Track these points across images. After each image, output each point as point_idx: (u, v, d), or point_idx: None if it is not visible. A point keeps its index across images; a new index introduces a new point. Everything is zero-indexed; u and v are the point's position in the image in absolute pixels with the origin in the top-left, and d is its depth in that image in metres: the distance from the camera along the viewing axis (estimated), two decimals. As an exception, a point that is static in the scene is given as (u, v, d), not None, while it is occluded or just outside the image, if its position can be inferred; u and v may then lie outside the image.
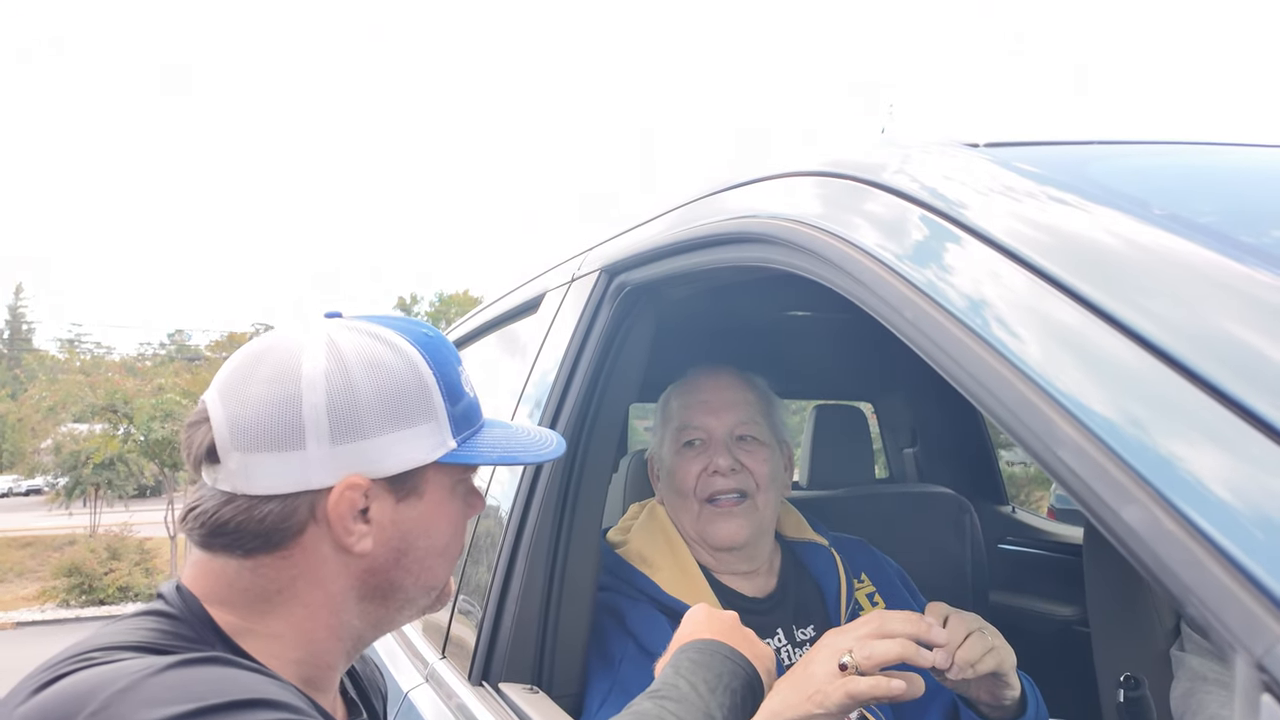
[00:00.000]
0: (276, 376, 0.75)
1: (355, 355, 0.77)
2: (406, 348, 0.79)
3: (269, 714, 0.63)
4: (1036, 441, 0.52)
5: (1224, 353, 0.47)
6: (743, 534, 1.38)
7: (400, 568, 0.80)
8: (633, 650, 1.29)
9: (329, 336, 0.78)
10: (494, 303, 2.09)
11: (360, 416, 0.75)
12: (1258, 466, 0.42)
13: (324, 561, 0.77)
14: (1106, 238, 0.59)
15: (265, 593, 0.76)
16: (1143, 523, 0.44)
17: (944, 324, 0.63)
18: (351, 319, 0.83)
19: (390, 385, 0.77)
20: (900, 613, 1.01)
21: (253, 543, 0.75)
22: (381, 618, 0.83)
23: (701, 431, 1.42)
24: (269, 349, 0.78)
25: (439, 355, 0.82)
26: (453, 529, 0.84)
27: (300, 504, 0.75)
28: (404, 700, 1.45)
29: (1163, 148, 0.90)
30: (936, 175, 0.75)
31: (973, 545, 2.24)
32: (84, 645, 0.70)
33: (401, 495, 0.79)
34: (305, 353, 0.76)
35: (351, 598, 0.79)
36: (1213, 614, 0.40)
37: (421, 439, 0.78)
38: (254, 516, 0.74)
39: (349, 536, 0.76)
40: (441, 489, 0.82)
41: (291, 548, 0.76)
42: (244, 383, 0.76)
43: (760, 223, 0.95)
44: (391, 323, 0.83)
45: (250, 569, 0.76)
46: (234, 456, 0.74)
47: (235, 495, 0.75)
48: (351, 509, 0.76)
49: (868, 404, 2.88)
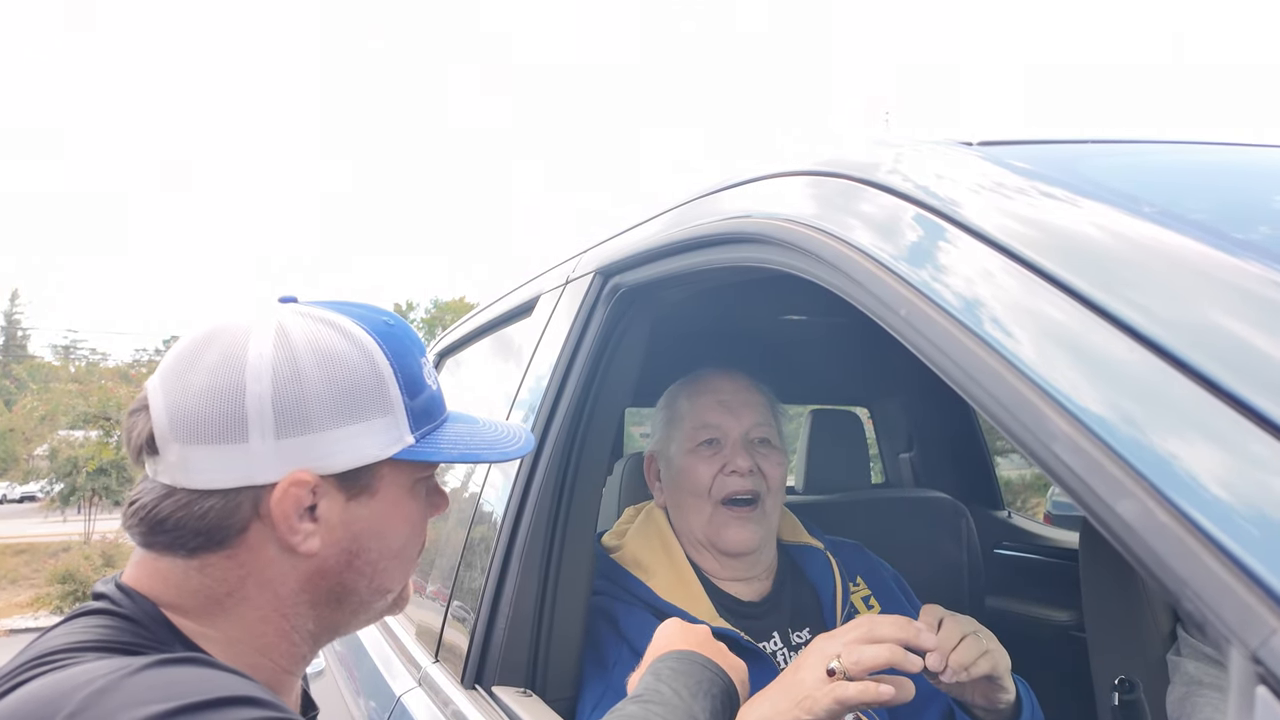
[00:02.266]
0: (220, 364, 0.71)
1: (305, 343, 0.73)
2: (362, 336, 0.75)
3: (253, 712, 0.61)
4: (1031, 437, 0.52)
5: (1218, 346, 0.47)
6: (755, 539, 1.38)
7: (352, 570, 0.76)
8: (627, 655, 1.28)
9: (279, 323, 0.74)
10: (489, 305, 2.08)
11: (308, 409, 0.71)
12: (1253, 459, 0.42)
13: (271, 562, 0.73)
14: (1099, 233, 0.58)
15: (214, 595, 0.73)
16: (1137, 517, 0.44)
17: (938, 321, 0.62)
18: (306, 304, 0.79)
19: (342, 376, 0.73)
20: (889, 617, 1.00)
21: (194, 540, 0.71)
22: (337, 622, 0.79)
23: (718, 431, 1.41)
24: (216, 335, 0.74)
25: (398, 345, 0.77)
26: (410, 530, 0.80)
27: (243, 500, 0.71)
28: (396, 704, 1.44)
29: (1155, 146, 0.90)
30: (930, 173, 0.75)
31: (969, 550, 2.24)
32: (38, 650, 0.67)
33: (353, 493, 0.75)
34: (252, 339, 0.72)
35: (303, 600, 0.75)
36: (1208, 607, 0.39)
37: (375, 434, 0.74)
38: (194, 512, 0.71)
39: (294, 535, 0.72)
40: (398, 487, 0.78)
41: (236, 546, 0.72)
42: (186, 370, 0.72)
43: (755, 222, 0.95)
44: (349, 309, 0.79)
45: (197, 569, 0.72)
46: (173, 448, 0.70)
47: (175, 489, 0.71)
48: (297, 506, 0.72)
49: (864, 409, 2.88)
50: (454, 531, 1.57)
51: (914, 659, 0.96)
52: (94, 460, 19.50)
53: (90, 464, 19.65)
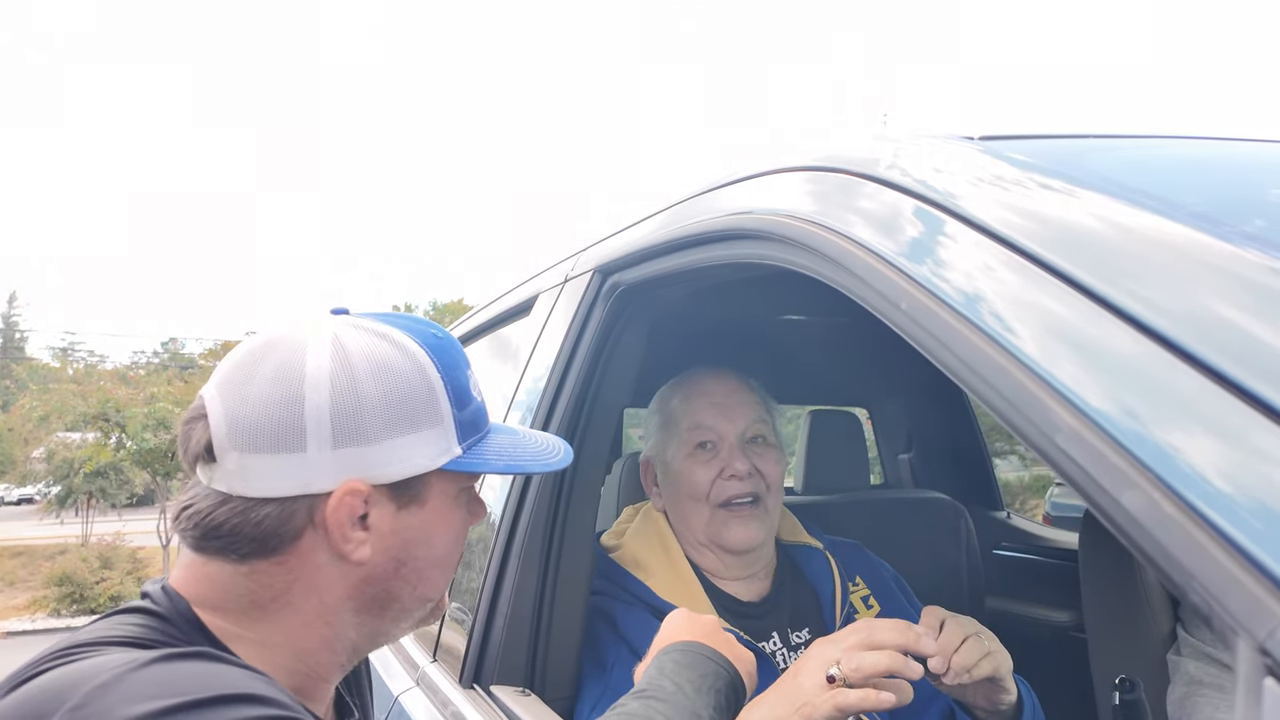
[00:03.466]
0: (279, 375, 0.72)
1: (361, 356, 0.74)
2: (414, 349, 0.77)
3: (254, 710, 0.61)
4: (1034, 430, 0.52)
5: (1221, 337, 0.47)
6: (758, 537, 1.37)
7: (398, 577, 0.78)
8: (625, 655, 1.28)
9: (335, 335, 0.75)
10: (489, 305, 2.08)
11: (364, 420, 0.72)
12: (1258, 450, 0.42)
13: (320, 569, 0.74)
14: (1101, 225, 0.58)
15: (259, 599, 0.74)
16: (1142, 508, 0.43)
17: (940, 314, 0.62)
18: (358, 317, 0.80)
19: (396, 388, 0.74)
20: (889, 621, 0.99)
21: (248, 546, 0.72)
22: (377, 630, 0.80)
23: (713, 433, 1.41)
24: (273, 346, 0.75)
25: (447, 358, 0.79)
26: (453, 538, 0.82)
27: (298, 508, 0.72)
28: (394, 704, 1.43)
29: (1158, 141, 0.90)
30: (930, 167, 0.75)
31: (968, 550, 2.23)
32: (66, 641, 0.68)
33: (403, 503, 0.76)
34: (309, 351, 0.73)
35: (348, 608, 0.77)
36: (1215, 599, 0.39)
37: (426, 445, 0.75)
38: (250, 519, 0.72)
39: (347, 544, 0.73)
40: (445, 497, 0.79)
41: (288, 553, 0.73)
42: (245, 380, 0.73)
43: (754, 219, 0.94)
44: (399, 322, 0.80)
45: (245, 574, 0.73)
46: (232, 456, 0.71)
47: (231, 496, 0.72)
48: (351, 515, 0.73)
49: (863, 410, 2.88)
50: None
51: (914, 666, 0.95)
52: (91, 462, 19.44)
53: (88, 465, 19.59)
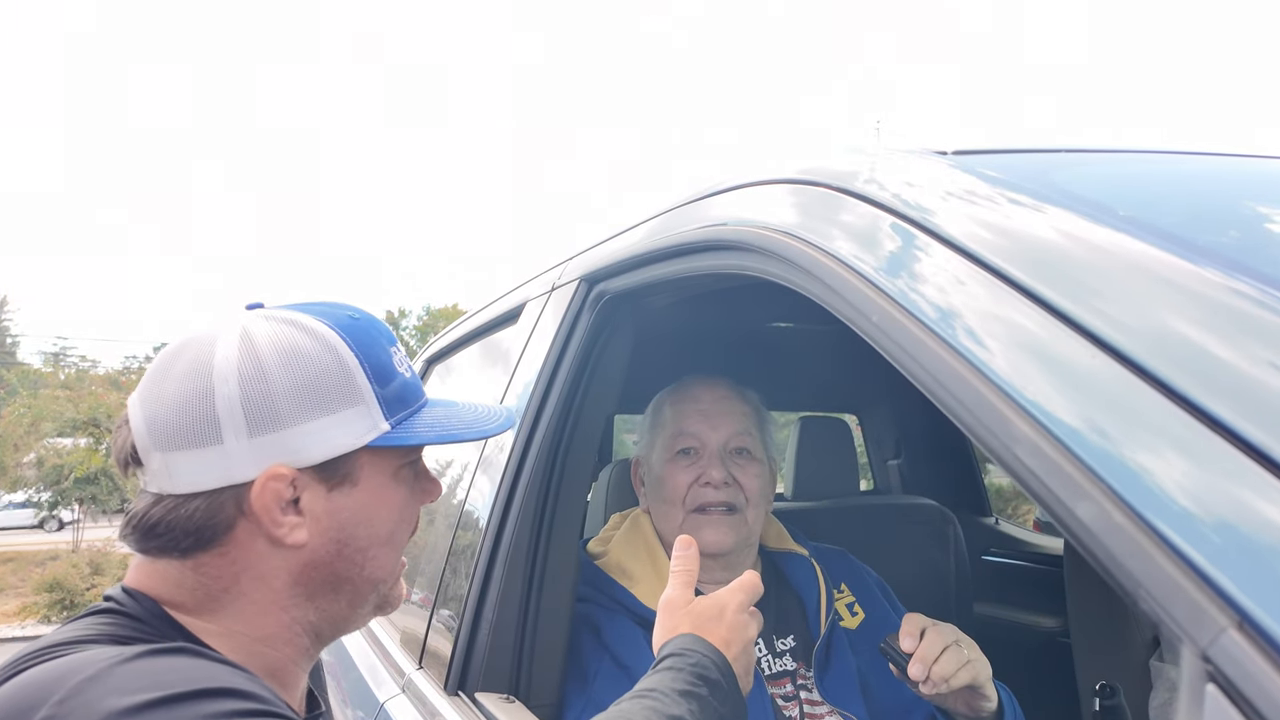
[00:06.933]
0: (189, 372, 0.74)
1: (268, 344, 0.76)
2: (324, 332, 0.78)
3: (235, 703, 0.63)
4: (995, 440, 0.53)
5: (1176, 352, 0.48)
6: (728, 541, 1.37)
7: (342, 559, 0.79)
8: (608, 665, 1.28)
9: (243, 327, 0.77)
10: (477, 313, 2.09)
11: (276, 405, 0.74)
12: (1206, 462, 0.43)
13: (262, 556, 0.76)
14: (1065, 240, 0.59)
15: (212, 592, 0.75)
16: (1095, 518, 0.44)
17: (907, 326, 0.63)
18: (271, 308, 0.82)
19: (306, 371, 0.75)
20: None
21: (186, 541, 0.74)
22: (336, 614, 0.81)
23: (696, 440, 1.41)
24: (186, 345, 0.77)
25: (364, 337, 0.80)
26: (397, 516, 0.82)
27: (226, 499, 0.74)
28: (380, 711, 1.44)
29: (1127, 156, 0.91)
30: (903, 182, 0.76)
31: (957, 556, 2.24)
32: (42, 642, 0.70)
33: (334, 484, 0.77)
34: (218, 345, 0.75)
35: (299, 593, 0.78)
36: (1161, 607, 0.40)
37: (347, 424, 0.76)
38: (181, 515, 0.74)
39: (278, 528, 0.75)
40: (380, 474, 0.80)
41: (226, 544, 0.75)
42: (160, 381, 0.76)
43: (734, 230, 0.96)
44: (313, 308, 0.81)
45: (192, 569, 0.75)
46: (155, 456, 0.74)
47: (162, 495, 0.74)
48: (277, 500, 0.74)
49: (852, 416, 2.89)
50: (438, 537, 1.57)
51: None
52: (82, 467, 19.34)
53: (79, 470, 19.49)
